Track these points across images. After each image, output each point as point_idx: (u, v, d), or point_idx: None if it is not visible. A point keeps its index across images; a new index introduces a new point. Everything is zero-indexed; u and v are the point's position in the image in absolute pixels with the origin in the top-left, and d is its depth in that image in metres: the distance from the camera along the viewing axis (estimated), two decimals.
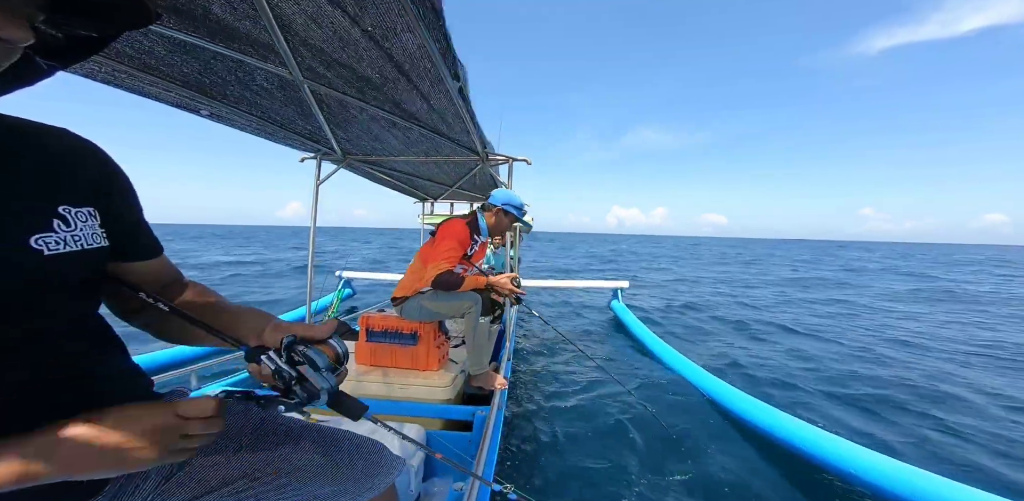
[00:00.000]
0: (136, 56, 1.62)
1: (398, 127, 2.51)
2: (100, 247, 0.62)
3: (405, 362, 2.44)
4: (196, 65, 1.74)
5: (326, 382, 0.62)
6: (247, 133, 2.57)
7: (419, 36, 1.37)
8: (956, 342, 6.33)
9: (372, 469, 0.84)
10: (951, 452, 2.97)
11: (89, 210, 0.62)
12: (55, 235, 0.56)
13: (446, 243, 2.31)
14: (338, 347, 0.68)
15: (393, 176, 4.05)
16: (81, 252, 0.59)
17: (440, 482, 1.91)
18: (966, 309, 9.78)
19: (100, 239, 0.63)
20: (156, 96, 1.94)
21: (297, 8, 1.36)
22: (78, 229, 0.59)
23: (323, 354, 0.63)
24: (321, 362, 0.62)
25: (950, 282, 16.18)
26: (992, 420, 3.52)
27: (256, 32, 1.52)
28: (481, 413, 2.03)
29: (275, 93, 2.08)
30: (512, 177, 3.25)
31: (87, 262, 0.61)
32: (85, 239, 0.60)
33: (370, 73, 1.78)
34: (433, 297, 2.43)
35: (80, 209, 0.60)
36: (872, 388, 4.18)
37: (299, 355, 0.62)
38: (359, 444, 0.86)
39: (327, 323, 0.69)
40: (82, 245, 0.59)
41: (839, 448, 2.44)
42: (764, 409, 3.06)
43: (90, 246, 0.60)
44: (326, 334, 0.68)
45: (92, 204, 0.62)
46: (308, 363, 0.62)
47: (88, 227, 0.61)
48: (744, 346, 5.92)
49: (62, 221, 0.57)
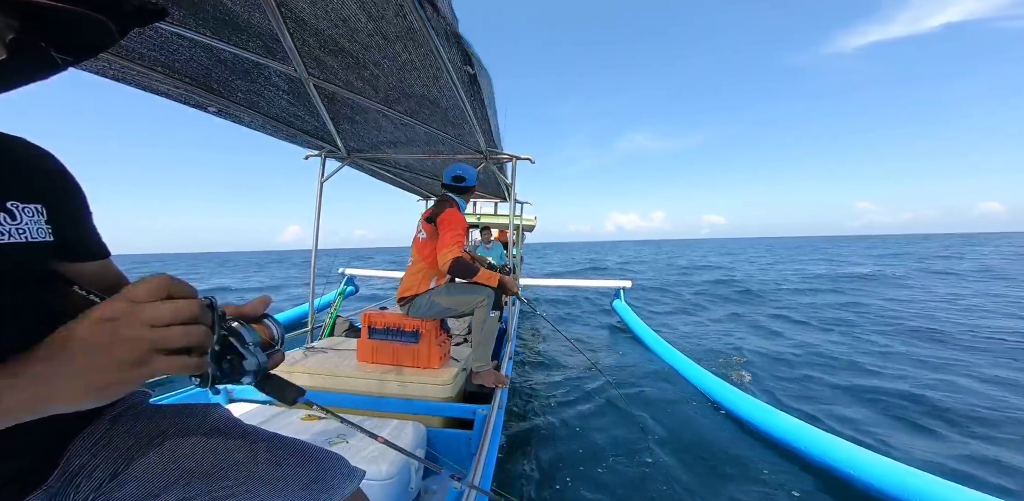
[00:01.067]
0: (146, 53, 1.63)
1: (402, 125, 2.52)
2: (44, 241, 0.65)
3: (407, 360, 2.45)
4: (204, 62, 1.75)
5: (254, 358, 0.57)
6: (253, 130, 2.58)
7: (426, 31, 1.38)
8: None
9: (327, 481, 0.81)
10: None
11: (36, 207, 0.64)
12: (1, 226, 0.58)
13: (452, 230, 2.32)
14: (274, 327, 0.64)
15: (396, 173, 4.06)
16: (25, 244, 0.61)
17: (440, 479, 1.93)
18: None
19: (45, 234, 0.65)
20: (165, 93, 1.95)
21: (304, 5, 1.36)
22: (23, 223, 0.61)
23: (253, 330, 0.60)
24: (249, 337, 0.58)
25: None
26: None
27: (262, 29, 1.53)
28: (482, 411, 2.04)
29: (281, 90, 2.09)
30: (516, 175, 3.26)
31: (32, 254, 0.63)
32: (29, 232, 0.62)
33: (374, 71, 1.78)
34: (446, 291, 2.44)
35: (28, 205, 0.63)
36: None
37: (225, 328, 0.56)
38: (311, 455, 0.84)
39: (256, 300, 0.64)
40: (26, 237, 0.61)
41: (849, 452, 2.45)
42: (763, 408, 3.06)
43: (34, 239, 0.62)
44: (257, 311, 0.63)
45: (39, 201, 0.65)
46: (234, 336, 0.57)
47: (34, 222, 0.63)
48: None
49: (8, 215, 0.60)
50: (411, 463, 1.67)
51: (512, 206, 3.42)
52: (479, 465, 1.52)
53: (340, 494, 0.83)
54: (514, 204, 3.44)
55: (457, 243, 2.28)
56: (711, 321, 7.70)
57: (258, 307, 0.63)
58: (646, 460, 2.68)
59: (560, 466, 2.60)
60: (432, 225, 2.41)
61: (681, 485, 2.42)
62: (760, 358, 5.04)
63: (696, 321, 7.76)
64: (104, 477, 0.70)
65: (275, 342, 0.63)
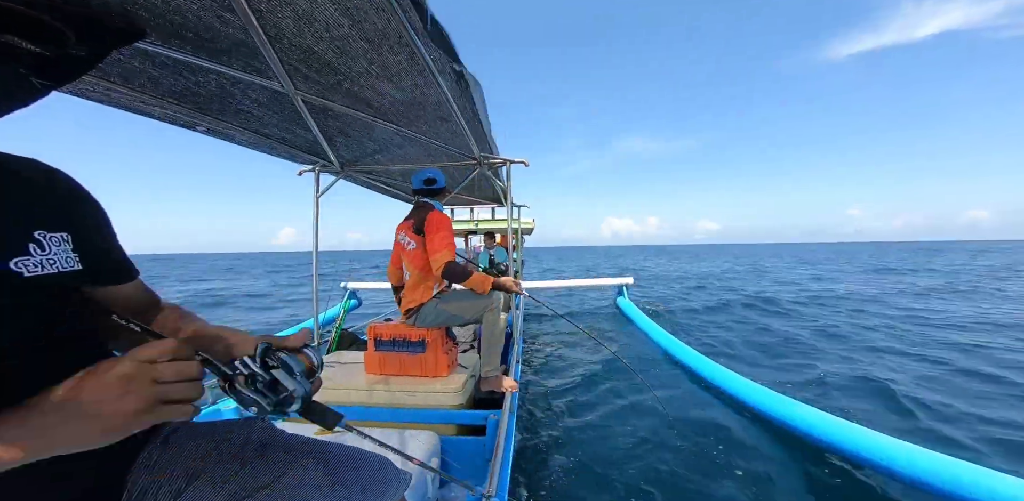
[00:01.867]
0: (128, 75, 1.63)
1: (394, 134, 2.52)
2: (75, 270, 0.64)
3: (414, 370, 2.43)
4: (188, 82, 1.75)
5: (301, 388, 0.62)
6: (245, 148, 2.58)
7: (407, 33, 1.37)
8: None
9: (377, 486, 0.83)
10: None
11: (63, 235, 0.63)
12: (32, 258, 0.58)
13: (440, 234, 2.32)
14: (313, 356, 0.69)
15: (391, 184, 4.06)
16: (57, 275, 0.60)
17: (457, 488, 1.90)
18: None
19: (74, 263, 0.64)
20: (151, 114, 1.95)
21: (286, 20, 1.36)
22: (52, 253, 0.61)
23: (299, 361, 0.64)
24: (297, 368, 0.63)
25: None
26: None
27: (245, 46, 1.53)
28: (494, 417, 2.01)
29: (269, 107, 2.09)
30: (511, 179, 3.26)
31: (63, 285, 0.62)
32: (60, 263, 0.61)
33: (362, 81, 1.78)
34: (453, 298, 2.43)
35: (54, 234, 0.62)
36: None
37: (275, 360, 0.62)
38: (366, 460, 0.86)
39: (299, 333, 0.70)
40: (58, 268, 0.60)
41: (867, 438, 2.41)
42: (780, 400, 3.03)
43: (65, 269, 0.62)
44: (299, 343, 0.69)
45: (65, 229, 0.64)
46: (283, 368, 0.62)
47: (62, 251, 0.62)
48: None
49: (37, 245, 0.59)
50: (427, 473, 1.65)
51: (509, 210, 3.42)
52: (494, 472, 1.50)
53: (394, 496, 0.86)
54: (511, 208, 3.44)
55: (447, 246, 2.29)
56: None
57: (301, 339, 0.69)
58: (665, 463, 2.65)
59: (576, 469, 2.57)
60: (420, 235, 2.39)
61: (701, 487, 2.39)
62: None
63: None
64: (168, 498, 0.71)
65: (316, 369, 0.69)
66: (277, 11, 1.31)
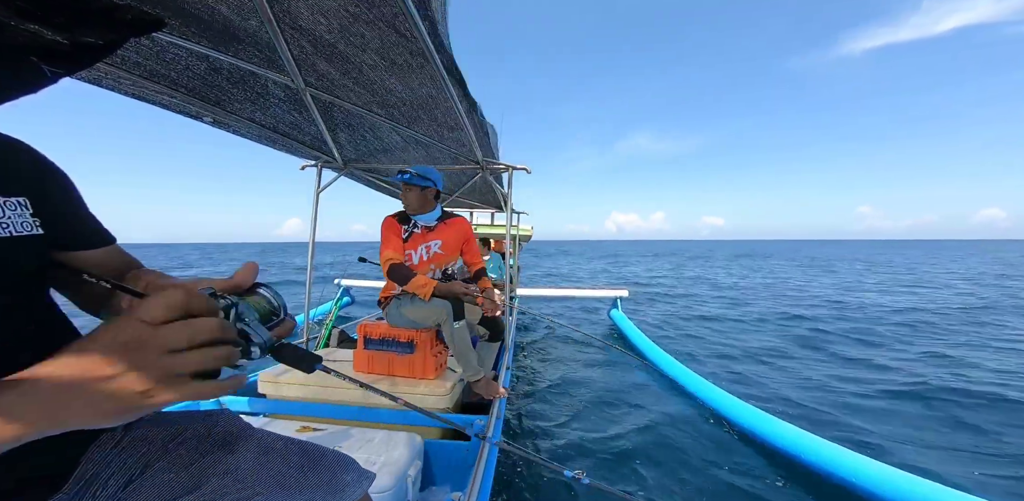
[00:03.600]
0: (141, 63, 1.64)
1: (398, 134, 2.53)
2: (32, 235, 0.63)
3: (402, 370, 2.42)
4: (200, 73, 1.76)
5: (257, 336, 0.54)
6: (249, 140, 2.58)
7: (421, 45, 1.39)
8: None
9: (338, 482, 0.83)
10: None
11: (19, 200, 0.63)
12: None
13: (382, 236, 2.43)
14: (270, 297, 0.59)
15: (393, 184, 4.07)
16: (10, 239, 0.60)
17: (438, 491, 1.89)
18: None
19: (32, 227, 0.64)
20: (160, 103, 1.95)
21: (300, 16, 1.38)
22: (6, 217, 0.61)
23: (251, 306, 0.56)
24: (249, 315, 0.55)
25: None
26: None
27: (259, 39, 1.54)
28: (479, 422, 2.01)
29: (277, 101, 2.10)
30: (512, 185, 3.27)
31: (18, 249, 0.62)
32: (14, 226, 0.61)
33: (372, 82, 1.80)
34: (406, 303, 2.45)
35: (9, 199, 0.62)
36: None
37: (225, 300, 0.54)
38: (325, 457, 0.86)
39: (244, 268, 0.58)
40: (10, 232, 0.60)
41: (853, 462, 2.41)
42: (768, 420, 3.03)
43: (19, 233, 0.61)
44: (248, 282, 0.57)
45: (22, 194, 0.64)
46: (233, 310, 0.54)
47: (17, 215, 0.62)
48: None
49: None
50: (408, 475, 1.64)
51: (508, 217, 3.43)
52: (477, 476, 1.50)
53: (353, 495, 0.84)
54: (511, 214, 3.45)
55: (388, 247, 2.35)
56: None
57: (247, 277, 0.57)
58: (647, 472, 2.64)
59: (559, 481, 2.56)
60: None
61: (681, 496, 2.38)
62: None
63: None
64: (120, 484, 0.70)
65: (277, 311, 0.59)
66: (291, 3, 1.33)
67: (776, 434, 2.87)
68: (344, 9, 1.28)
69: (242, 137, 2.53)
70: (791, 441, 2.75)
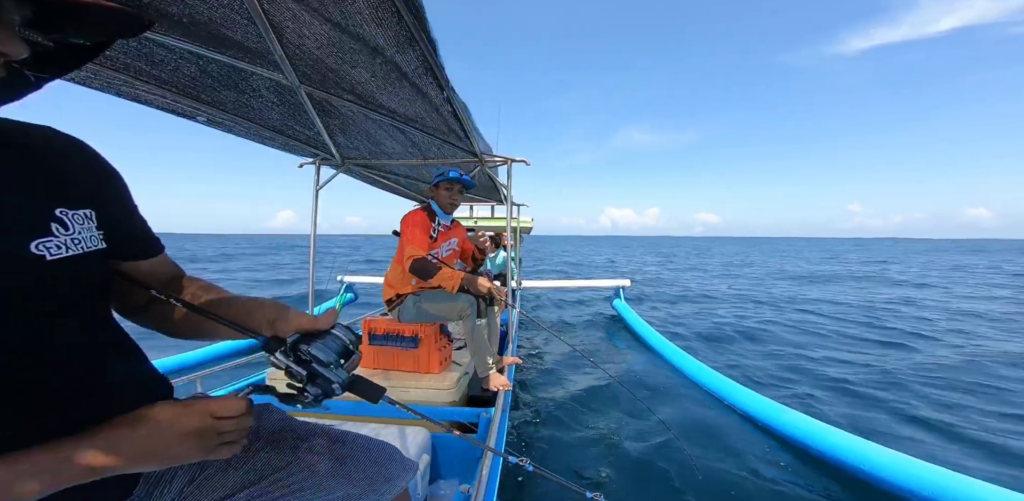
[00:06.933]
0: (131, 63, 1.62)
1: (396, 131, 2.51)
2: (99, 249, 0.61)
3: (408, 365, 2.43)
4: (192, 72, 1.74)
5: (336, 376, 0.64)
6: (246, 139, 2.57)
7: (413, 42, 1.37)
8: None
9: (385, 472, 0.84)
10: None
11: (86, 212, 0.60)
12: (55, 239, 0.54)
13: (409, 230, 2.36)
14: (343, 336, 0.69)
15: (392, 180, 4.04)
16: (82, 255, 0.57)
17: (446, 485, 1.91)
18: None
19: (98, 241, 0.61)
20: (152, 103, 1.94)
21: (291, 14, 1.36)
22: (76, 232, 0.57)
23: (328, 349, 0.65)
24: (326, 357, 0.64)
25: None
26: None
27: (251, 38, 1.52)
28: (486, 415, 2.02)
29: (272, 98, 2.08)
30: (511, 178, 3.25)
31: (88, 265, 0.59)
32: (84, 242, 0.58)
33: (366, 77, 1.77)
34: (428, 299, 2.43)
35: (77, 212, 0.59)
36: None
37: (304, 354, 0.64)
38: (372, 447, 0.87)
39: (327, 314, 0.70)
40: (82, 248, 0.57)
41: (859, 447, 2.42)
42: (772, 406, 3.05)
43: (89, 249, 0.59)
44: (328, 324, 0.68)
45: (88, 206, 0.61)
46: (314, 361, 0.64)
47: (86, 230, 0.59)
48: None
49: (60, 225, 0.55)
50: (417, 469, 1.65)
51: (509, 209, 3.41)
52: (484, 469, 1.51)
53: (400, 485, 0.87)
54: (511, 207, 3.44)
55: (414, 242, 2.31)
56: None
57: (328, 321, 0.69)
58: (650, 460, 2.66)
59: (567, 468, 2.58)
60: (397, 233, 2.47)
61: (689, 484, 2.40)
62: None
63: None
64: (183, 483, 0.71)
65: (351, 347, 0.69)
66: (282, 2, 1.31)
67: (777, 418, 2.88)
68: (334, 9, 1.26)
69: (238, 136, 2.51)
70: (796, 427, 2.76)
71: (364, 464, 0.82)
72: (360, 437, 0.88)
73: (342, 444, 0.84)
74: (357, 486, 0.79)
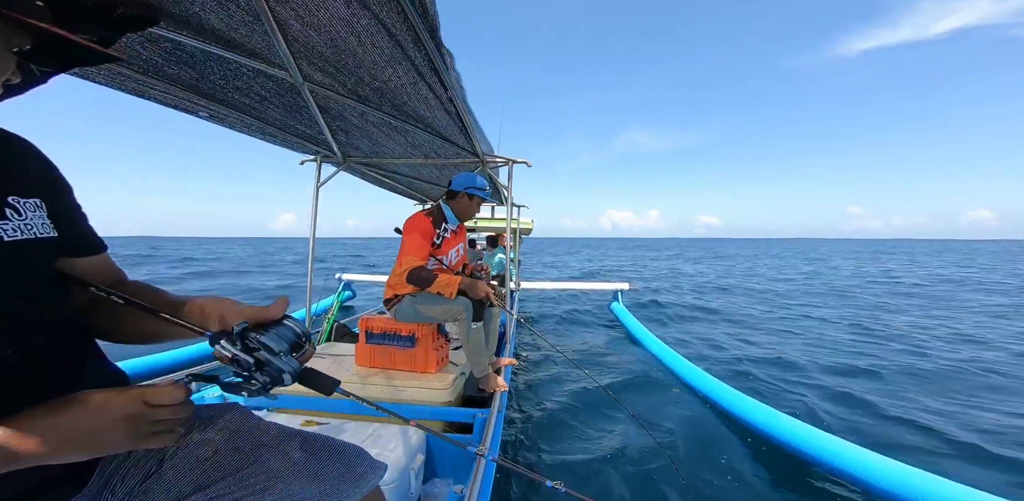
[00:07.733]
0: (136, 58, 1.62)
1: (398, 130, 2.52)
2: (50, 237, 0.63)
3: (404, 364, 2.43)
4: (197, 68, 1.75)
5: (287, 365, 0.62)
6: (248, 135, 2.57)
7: (417, 41, 1.38)
8: None
9: (352, 472, 0.83)
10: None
11: (36, 201, 0.62)
12: (10, 222, 0.56)
13: (409, 237, 2.33)
14: (295, 327, 0.67)
15: (393, 178, 4.05)
16: (36, 240, 0.59)
17: (441, 483, 1.90)
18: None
19: (50, 229, 0.63)
20: (155, 98, 1.94)
21: (297, 13, 1.36)
22: (29, 219, 0.59)
23: (279, 337, 0.63)
24: (277, 346, 0.62)
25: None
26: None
27: (257, 35, 1.53)
28: (481, 416, 2.02)
29: (275, 96, 2.09)
30: (512, 179, 3.26)
31: (43, 251, 0.61)
32: (37, 228, 0.60)
33: (369, 77, 1.78)
34: (424, 300, 2.43)
35: (28, 200, 0.61)
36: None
37: (253, 342, 0.62)
38: (339, 447, 0.86)
39: (277, 302, 0.68)
40: (35, 233, 0.59)
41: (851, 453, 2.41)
42: (767, 411, 3.04)
43: (42, 235, 0.61)
44: (278, 314, 0.67)
45: (37, 195, 0.63)
46: (263, 348, 0.61)
47: (37, 217, 0.61)
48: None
49: (14, 210, 0.58)
50: (411, 468, 1.65)
51: (509, 210, 3.42)
52: (479, 470, 1.51)
53: (367, 485, 0.85)
54: (511, 208, 3.44)
55: (413, 252, 2.28)
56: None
57: (279, 310, 0.67)
58: (644, 463, 2.66)
59: (560, 469, 2.58)
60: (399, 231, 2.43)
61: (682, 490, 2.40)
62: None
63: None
64: (138, 479, 0.71)
65: (302, 339, 0.67)
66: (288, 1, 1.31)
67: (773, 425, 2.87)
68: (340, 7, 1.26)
69: (240, 132, 2.51)
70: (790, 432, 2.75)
71: (331, 464, 0.81)
72: (327, 438, 0.88)
73: (308, 444, 0.83)
74: (323, 485, 0.78)
